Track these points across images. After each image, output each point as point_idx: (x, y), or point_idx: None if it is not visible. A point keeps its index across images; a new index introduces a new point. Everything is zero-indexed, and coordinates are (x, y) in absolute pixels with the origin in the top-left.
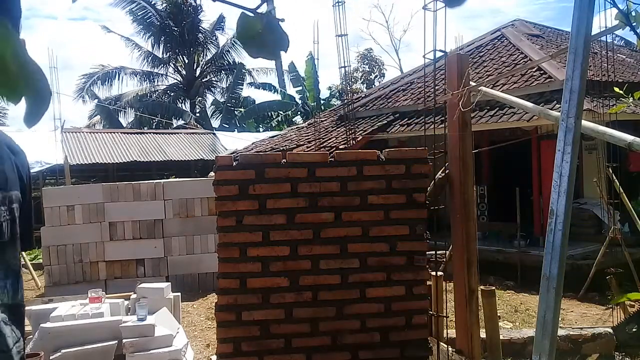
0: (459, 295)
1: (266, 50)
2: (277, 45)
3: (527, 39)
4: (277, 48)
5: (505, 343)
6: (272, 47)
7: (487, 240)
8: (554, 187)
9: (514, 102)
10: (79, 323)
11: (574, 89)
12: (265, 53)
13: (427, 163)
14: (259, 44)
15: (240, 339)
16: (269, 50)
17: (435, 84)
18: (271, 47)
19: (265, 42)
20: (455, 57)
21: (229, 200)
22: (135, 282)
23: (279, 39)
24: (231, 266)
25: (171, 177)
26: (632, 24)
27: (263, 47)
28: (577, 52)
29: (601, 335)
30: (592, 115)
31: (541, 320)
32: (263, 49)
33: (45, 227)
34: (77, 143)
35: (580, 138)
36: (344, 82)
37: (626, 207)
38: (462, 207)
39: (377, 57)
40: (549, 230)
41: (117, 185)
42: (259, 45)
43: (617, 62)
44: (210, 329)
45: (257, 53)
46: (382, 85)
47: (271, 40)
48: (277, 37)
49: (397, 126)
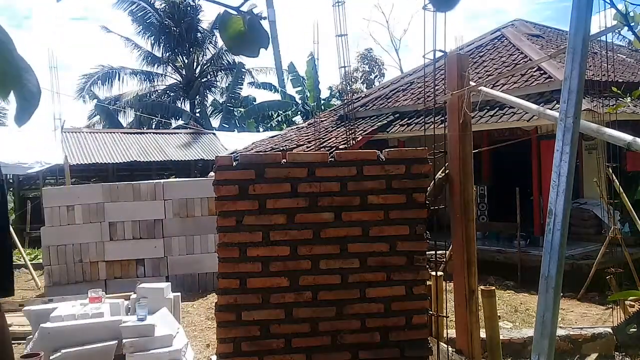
0: (459, 295)
1: (247, 48)
2: (257, 42)
3: (527, 39)
4: (257, 45)
5: (505, 343)
6: (253, 44)
7: (487, 240)
8: (553, 186)
9: (514, 102)
10: (79, 323)
11: (572, 88)
12: (246, 50)
13: (427, 163)
14: (240, 41)
15: (240, 339)
16: (249, 48)
17: (435, 84)
18: (252, 45)
19: (246, 39)
20: (455, 57)
21: (229, 200)
22: (135, 282)
23: (260, 36)
24: (231, 266)
25: (171, 177)
26: (630, 24)
27: (244, 44)
28: (575, 51)
29: (601, 335)
30: (592, 115)
31: (540, 320)
32: (244, 46)
33: (45, 227)
34: (77, 143)
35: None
36: (344, 82)
37: (626, 207)
38: (462, 207)
39: (377, 57)
40: (548, 230)
41: (117, 185)
42: (240, 42)
43: (617, 62)
44: (210, 329)
45: (238, 50)
46: (382, 85)
47: (252, 38)
48: (258, 35)
49: (397, 126)
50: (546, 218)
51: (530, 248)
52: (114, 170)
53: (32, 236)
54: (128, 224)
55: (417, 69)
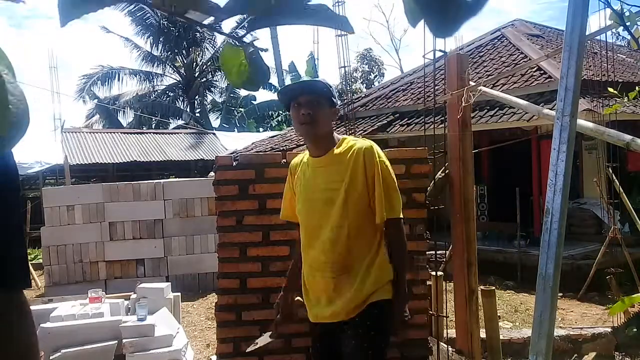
0: (459, 295)
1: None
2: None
3: (527, 38)
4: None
5: (505, 343)
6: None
7: (487, 240)
8: (550, 185)
9: (513, 101)
10: (79, 323)
11: (568, 87)
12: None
13: (427, 163)
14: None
15: (240, 339)
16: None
17: (435, 84)
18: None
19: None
20: (455, 57)
21: (229, 200)
22: (135, 282)
23: (260, 71)
24: (231, 266)
25: (171, 177)
26: (626, 24)
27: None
28: (571, 50)
29: (601, 335)
30: (592, 115)
31: (537, 320)
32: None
33: (45, 227)
34: (77, 143)
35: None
36: (343, 82)
37: (626, 207)
38: (462, 207)
39: (376, 57)
40: (545, 229)
41: (117, 185)
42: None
43: (617, 62)
44: (210, 329)
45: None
46: (382, 85)
47: (252, 73)
48: (259, 70)
49: (397, 126)
50: None
51: (530, 248)
52: (114, 170)
53: (32, 236)
54: (128, 224)
55: (417, 69)
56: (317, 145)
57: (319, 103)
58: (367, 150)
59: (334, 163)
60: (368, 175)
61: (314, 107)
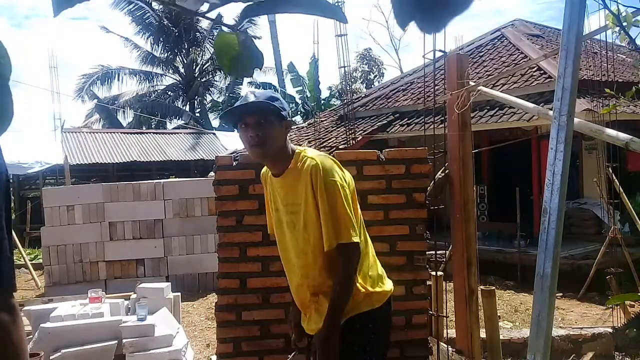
0: (459, 295)
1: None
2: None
3: (527, 38)
4: (251, 66)
5: (505, 343)
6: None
7: (487, 240)
8: (547, 185)
9: (513, 101)
10: (79, 323)
11: (565, 86)
12: (240, 70)
13: (427, 163)
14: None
15: (240, 339)
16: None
17: (435, 84)
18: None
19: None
20: (455, 57)
21: (229, 200)
22: (135, 282)
23: (254, 57)
24: (231, 266)
25: (171, 177)
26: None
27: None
28: (568, 49)
29: (601, 335)
30: (592, 115)
31: (535, 319)
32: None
33: (45, 227)
34: (77, 143)
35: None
36: (343, 82)
37: (626, 207)
38: (462, 207)
39: (376, 56)
40: (543, 229)
41: (117, 185)
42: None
43: (617, 62)
44: (210, 329)
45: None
46: (382, 85)
47: (246, 58)
48: (252, 55)
49: (397, 126)
50: None
51: (530, 248)
52: (114, 170)
53: (32, 236)
54: (128, 224)
55: (417, 69)
56: (273, 165)
57: (267, 121)
58: (313, 168)
59: (293, 181)
60: (316, 196)
61: (262, 127)
